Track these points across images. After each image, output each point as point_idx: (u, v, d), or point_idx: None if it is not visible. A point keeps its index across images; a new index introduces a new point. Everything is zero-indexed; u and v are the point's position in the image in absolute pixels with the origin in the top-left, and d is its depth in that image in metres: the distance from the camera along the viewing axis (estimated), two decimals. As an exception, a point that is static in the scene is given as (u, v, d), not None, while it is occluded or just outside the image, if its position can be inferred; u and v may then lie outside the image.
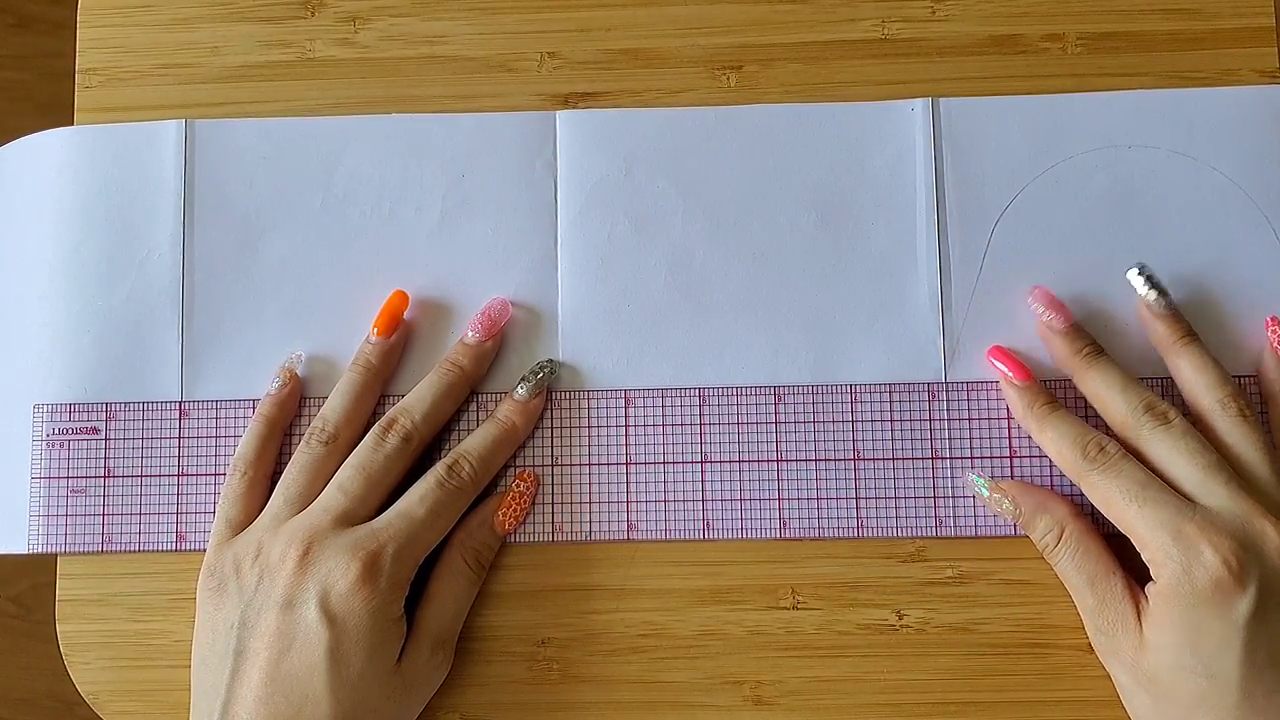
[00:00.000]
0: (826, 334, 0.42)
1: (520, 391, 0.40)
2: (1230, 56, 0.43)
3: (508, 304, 0.41)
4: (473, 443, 0.40)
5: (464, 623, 0.41)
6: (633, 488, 0.41)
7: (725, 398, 0.41)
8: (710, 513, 0.41)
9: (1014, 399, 0.40)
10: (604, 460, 0.41)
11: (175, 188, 0.43)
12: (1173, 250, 0.42)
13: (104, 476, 0.42)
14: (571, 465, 0.41)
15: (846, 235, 0.42)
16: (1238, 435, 0.37)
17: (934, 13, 0.44)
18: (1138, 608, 0.36)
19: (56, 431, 0.42)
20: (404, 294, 0.41)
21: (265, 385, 0.41)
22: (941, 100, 0.43)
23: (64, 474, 0.42)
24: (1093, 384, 0.39)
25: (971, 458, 0.41)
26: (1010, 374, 0.40)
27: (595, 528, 0.41)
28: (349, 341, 0.42)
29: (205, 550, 0.39)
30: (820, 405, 0.41)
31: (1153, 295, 0.40)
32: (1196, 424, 0.38)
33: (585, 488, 0.41)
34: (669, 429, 0.41)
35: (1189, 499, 0.36)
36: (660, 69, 0.44)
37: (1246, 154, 0.42)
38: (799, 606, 0.41)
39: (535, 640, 0.41)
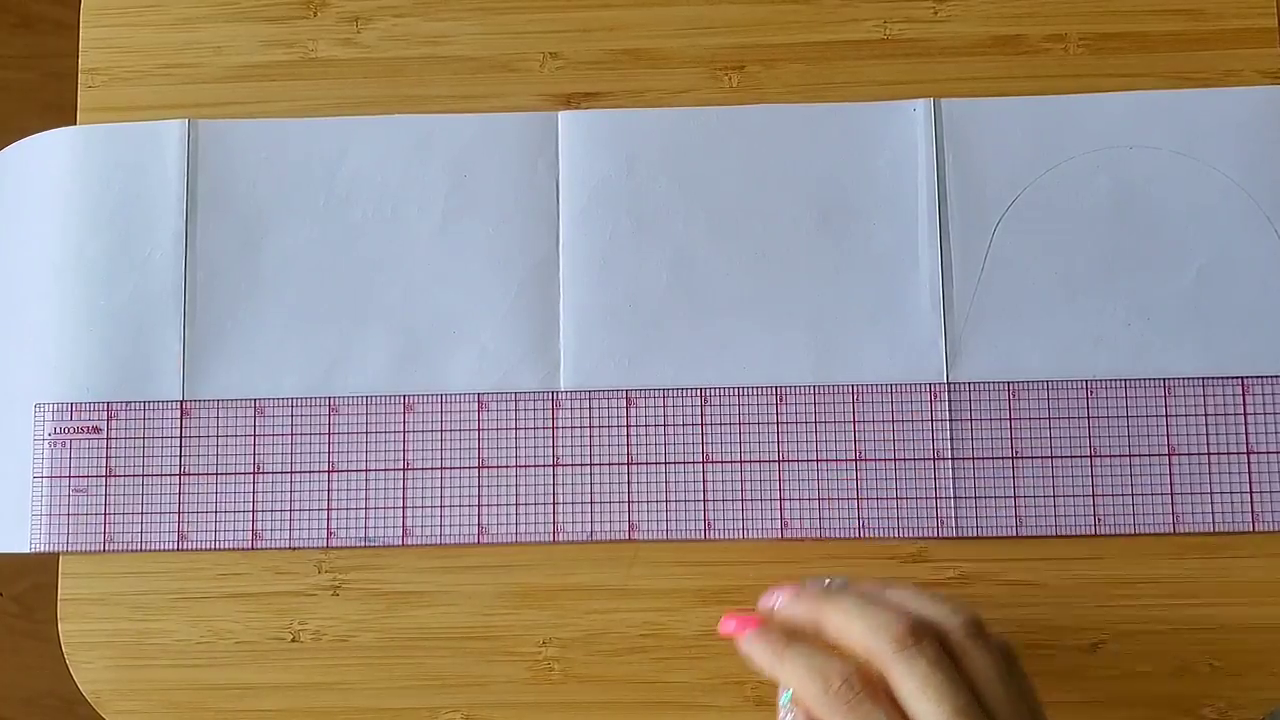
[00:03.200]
0: (828, 334, 0.42)
1: None
2: (1232, 57, 0.43)
3: None
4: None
5: (466, 623, 0.41)
6: (634, 488, 0.41)
7: (726, 398, 0.41)
8: (712, 513, 0.41)
9: (753, 649, 0.34)
10: (606, 460, 0.41)
11: (178, 187, 0.43)
12: (1174, 251, 0.42)
13: (106, 476, 0.42)
14: (573, 465, 0.41)
15: (848, 235, 0.42)
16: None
17: (936, 13, 0.44)
18: None
19: (58, 431, 0.42)
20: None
21: (266, 385, 0.41)
22: (943, 101, 0.42)
23: (66, 473, 0.42)
24: (830, 628, 0.34)
25: (973, 458, 0.41)
26: (739, 629, 0.35)
27: (597, 528, 0.41)
28: (351, 342, 0.42)
29: (205, 550, 0.39)
30: (821, 406, 0.41)
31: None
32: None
33: (587, 488, 0.41)
34: (671, 429, 0.41)
35: None
36: (662, 69, 0.44)
37: (1248, 154, 0.42)
38: (800, 607, 0.41)
39: (537, 640, 0.41)
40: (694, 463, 0.41)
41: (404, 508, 0.41)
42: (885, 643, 0.32)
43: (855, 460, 0.41)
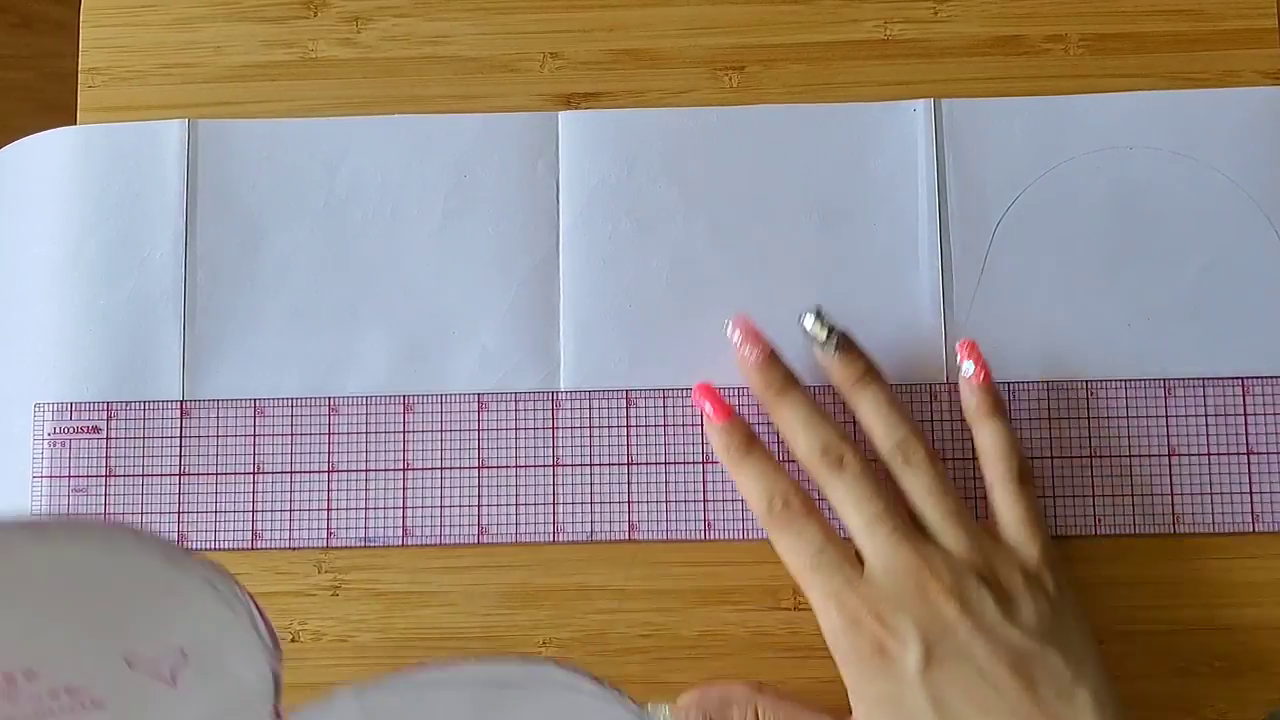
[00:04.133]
0: (828, 335, 0.42)
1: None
2: (1233, 58, 0.43)
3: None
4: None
5: (466, 623, 0.41)
6: (634, 488, 0.41)
7: (727, 398, 0.41)
8: (712, 513, 0.41)
9: (713, 439, 0.39)
10: (606, 460, 0.41)
11: (178, 187, 0.43)
12: (1174, 251, 0.42)
13: (105, 476, 0.42)
14: (573, 465, 0.41)
15: (848, 236, 0.42)
16: (908, 482, 0.36)
17: (936, 14, 0.44)
18: None
19: (58, 430, 0.42)
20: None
21: (266, 385, 0.41)
22: (944, 101, 0.43)
23: (65, 473, 0.42)
24: (782, 421, 0.38)
25: (973, 459, 0.41)
26: (711, 413, 0.39)
27: (596, 528, 0.41)
28: (350, 342, 0.42)
29: (205, 549, 0.39)
30: (822, 406, 0.41)
31: (822, 335, 0.38)
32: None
33: (586, 487, 0.41)
34: (670, 429, 0.41)
35: (860, 559, 0.35)
36: (662, 69, 0.44)
37: (1248, 155, 0.42)
38: (800, 607, 0.41)
39: (536, 640, 0.41)
40: (694, 463, 0.41)
41: (404, 508, 0.41)
42: (816, 454, 0.36)
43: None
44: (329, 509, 0.41)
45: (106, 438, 0.42)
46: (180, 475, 0.42)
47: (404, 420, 0.42)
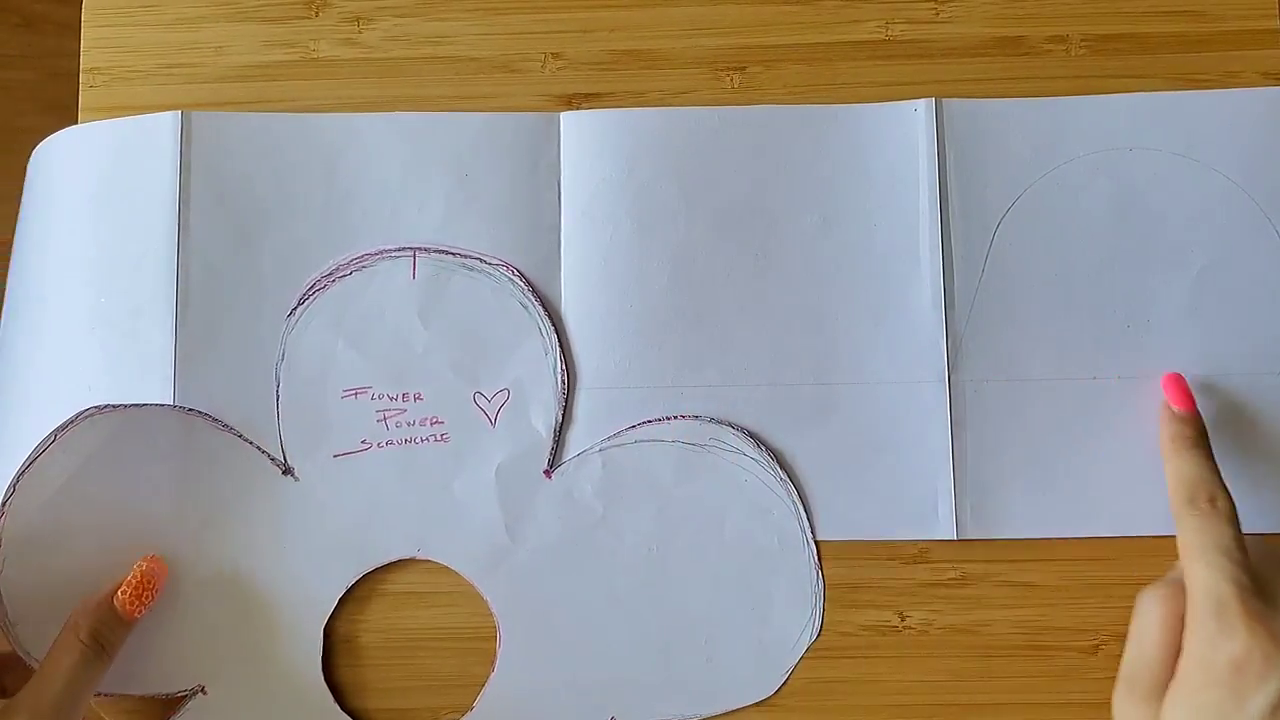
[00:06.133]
0: (829, 335, 0.42)
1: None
2: (1234, 59, 0.43)
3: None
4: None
5: (466, 623, 0.41)
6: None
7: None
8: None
9: (1165, 422, 0.39)
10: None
11: (171, 182, 0.42)
12: (1174, 252, 0.42)
13: (107, 475, 0.42)
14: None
15: (849, 236, 0.42)
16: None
17: (937, 14, 0.44)
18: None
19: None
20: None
21: (262, 387, 0.41)
22: (945, 102, 0.42)
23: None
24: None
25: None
26: (1172, 401, 0.39)
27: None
28: (352, 341, 0.42)
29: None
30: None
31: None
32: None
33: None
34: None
35: (1260, 581, 0.34)
36: (664, 70, 0.44)
37: (1248, 156, 0.42)
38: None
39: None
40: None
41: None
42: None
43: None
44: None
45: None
46: (181, 475, 0.41)
47: (405, 420, 0.42)
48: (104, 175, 0.43)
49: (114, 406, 0.36)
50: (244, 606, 0.40)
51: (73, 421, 0.36)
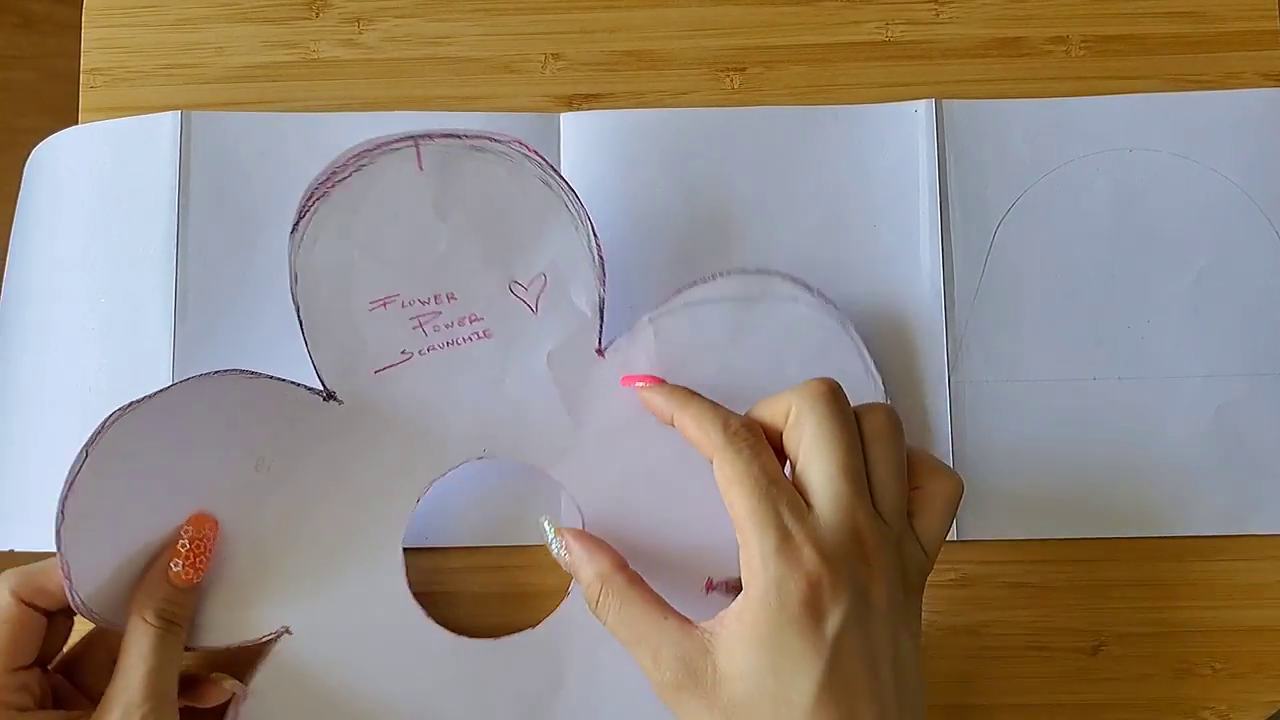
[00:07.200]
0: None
1: None
2: (1234, 60, 0.43)
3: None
4: None
5: (465, 623, 0.41)
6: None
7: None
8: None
9: (651, 399, 0.37)
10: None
11: (171, 182, 0.42)
12: (1174, 252, 0.42)
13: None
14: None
15: (849, 237, 0.42)
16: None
17: (938, 15, 0.44)
18: (705, 646, 0.32)
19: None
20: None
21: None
22: (945, 102, 0.43)
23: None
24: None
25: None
26: (642, 383, 0.38)
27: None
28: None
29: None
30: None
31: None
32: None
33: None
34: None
35: (808, 505, 0.32)
36: (664, 71, 0.44)
37: (1248, 157, 0.42)
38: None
39: (537, 641, 0.41)
40: (695, 463, 0.41)
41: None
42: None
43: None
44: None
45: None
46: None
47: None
48: (104, 175, 0.43)
49: (135, 402, 0.35)
50: (314, 541, 0.39)
51: (100, 432, 0.35)
